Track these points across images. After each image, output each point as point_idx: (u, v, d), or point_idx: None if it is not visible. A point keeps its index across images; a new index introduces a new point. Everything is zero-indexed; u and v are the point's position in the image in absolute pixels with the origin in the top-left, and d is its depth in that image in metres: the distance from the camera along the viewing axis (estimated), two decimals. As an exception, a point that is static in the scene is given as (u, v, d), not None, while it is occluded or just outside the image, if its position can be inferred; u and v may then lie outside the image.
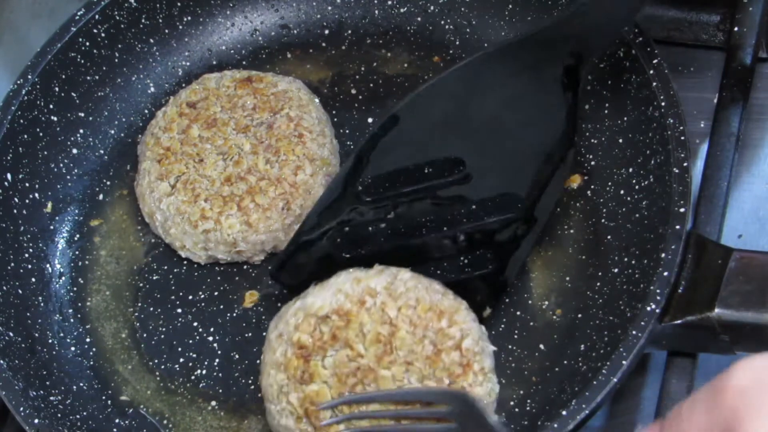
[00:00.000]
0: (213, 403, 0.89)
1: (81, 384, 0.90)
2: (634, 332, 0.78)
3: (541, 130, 0.86)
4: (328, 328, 0.81)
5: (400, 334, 0.80)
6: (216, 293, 0.94)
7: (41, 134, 0.97)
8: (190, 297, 0.94)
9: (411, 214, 0.87)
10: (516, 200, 0.86)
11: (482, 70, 0.83)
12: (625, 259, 0.88)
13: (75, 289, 0.95)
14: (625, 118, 0.92)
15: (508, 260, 0.86)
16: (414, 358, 0.79)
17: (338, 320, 0.81)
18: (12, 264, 0.92)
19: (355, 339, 0.80)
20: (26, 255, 0.94)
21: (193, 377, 0.90)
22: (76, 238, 0.98)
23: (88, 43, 1.00)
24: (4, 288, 0.90)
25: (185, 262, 0.95)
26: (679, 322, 0.79)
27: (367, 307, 0.81)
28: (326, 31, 1.07)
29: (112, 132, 1.03)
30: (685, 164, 0.84)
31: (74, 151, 1.00)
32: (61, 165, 0.99)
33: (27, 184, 0.96)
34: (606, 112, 0.95)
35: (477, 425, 0.73)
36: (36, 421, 0.81)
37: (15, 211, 0.94)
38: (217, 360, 0.91)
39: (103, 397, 0.90)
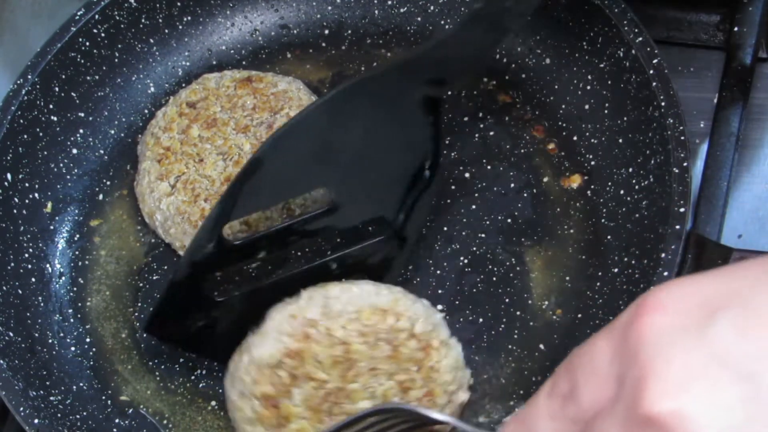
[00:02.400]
0: (213, 403, 0.89)
1: (81, 384, 0.90)
2: (634, 332, 0.78)
3: (404, 154, 0.87)
4: (285, 372, 0.80)
5: (354, 348, 0.79)
6: (216, 293, 0.94)
7: (41, 134, 0.97)
8: (190, 297, 0.94)
9: (281, 252, 0.88)
10: (383, 223, 0.87)
11: (344, 104, 0.85)
12: (625, 259, 0.88)
13: (75, 289, 0.95)
14: (625, 118, 0.92)
15: (382, 281, 0.86)
16: (376, 363, 0.79)
17: (291, 362, 0.80)
18: (12, 264, 0.92)
19: (315, 370, 0.79)
20: (26, 255, 0.94)
21: (193, 377, 0.90)
22: (76, 238, 0.98)
23: (88, 43, 1.00)
24: (4, 288, 0.90)
25: (185, 262, 0.95)
26: (679, 322, 0.79)
27: (314, 338, 0.80)
28: (326, 31, 1.07)
29: (112, 132, 1.03)
30: (685, 164, 0.84)
31: (74, 151, 1.00)
32: (61, 165, 0.99)
33: (27, 184, 0.96)
34: (606, 112, 0.95)
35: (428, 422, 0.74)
36: (36, 421, 0.81)
37: (15, 211, 0.94)
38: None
39: (103, 397, 0.90)
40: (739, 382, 0.48)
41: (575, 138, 0.96)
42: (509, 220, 0.94)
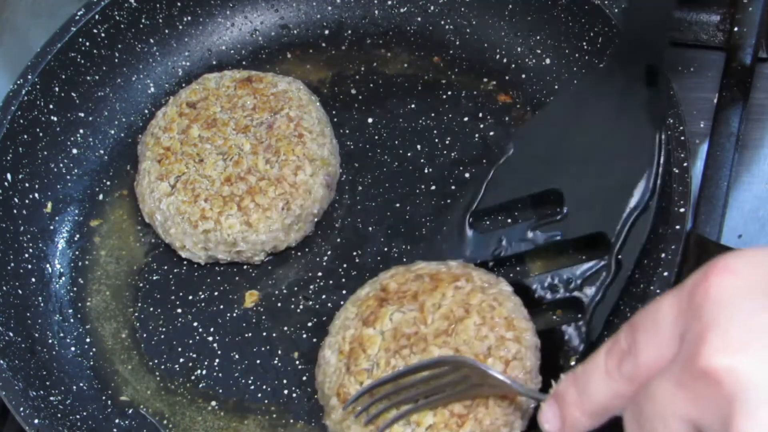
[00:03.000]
0: (213, 403, 0.89)
1: (81, 384, 0.90)
2: (634, 332, 0.78)
3: (628, 162, 0.86)
4: (416, 286, 0.83)
5: (467, 322, 0.80)
6: (216, 293, 0.94)
7: (41, 134, 0.97)
8: (190, 297, 0.94)
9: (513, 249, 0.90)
10: (604, 242, 0.86)
11: (577, 102, 0.86)
12: (626, 259, 0.88)
13: (75, 289, 0.95)
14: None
15: (594, 311, 0.85)
16: (465, 349, 0.80)
17: (428, 282, 0.83)
18: (12, 264, 0.92)
19: (430, 307, 0.81)
20: (26, 255, 0.94)
21: (193, 377, 0.90)
22: (76, 238, 0.98)
23: (88, 43, 1.00)
24: (4, 288, 0.90)
25: (185, 262, 0.95)
26: (679, 322, 0.79)
27: (458, 285, 0.82)
28: (326, 31, 1.07)
29: (112, 132, 1.03)
30: (685, 164, 0.84)
31: (74, 151, 1.00)
32: (61, 165, 0.99)
33: (27, 184, 0.96)
34: (606, 112, 0.95)
35: (487, 381, 0.74)
36: (36, 421, 0.81)
37: (15, 211, 0.94)
38: (217, 360, 0.91)
39: (103, 397, 0.90)
40: None
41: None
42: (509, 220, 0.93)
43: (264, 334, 0.91)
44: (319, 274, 0.94)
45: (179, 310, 0.93)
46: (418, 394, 0.77)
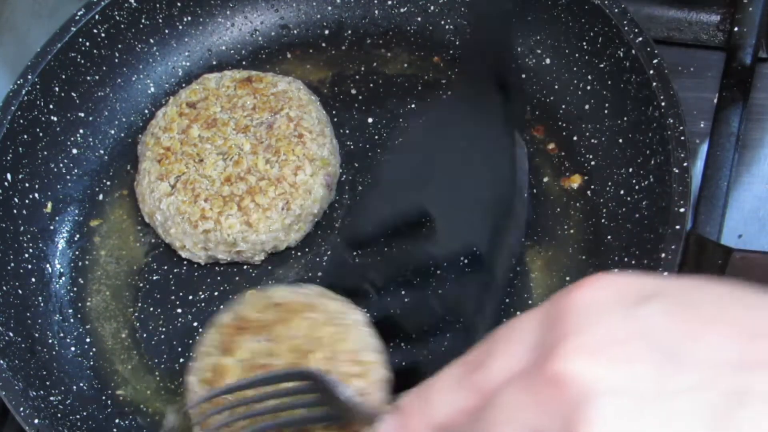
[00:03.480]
0: (213, 403, 0.89)
1: (81, 384, 0.90)
2: (634, 332, 0.78)
3: (494, 178, 0.87)
4: (272, 314, 0.80)
5: (312, 357, 0.77)
6: (216, 293, 0.94)
7: (41, 134, 0.97)
8: (190, 297, 0.94)
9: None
10: (475, 257, 0.87)
11: (443, 114, 0.86)
12: (625, 259, 0.88)
13: (75, 289, 0.95)
14: (625, 118, 0.92)
15: (476, 325, 0.85)
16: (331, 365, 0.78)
17: (282, 312, 0.79)
18: (12, 264, 0.92)
19: (283, 339, 0.78)
20: (26, 255, 0.94)
21: (193, 377, 0.90)
22: (76, 238, 0.98)
23: (88, 43, 1.00)
24: (4, 288, 0.90)
25: (185, 262, 0.95)
26: (679, 322, 0.79)
27: (308, 316, 0.79)
28: (326, 31, 1.07)
29: (112, 132, 1.03)
30: (685, 164, 0.84)
31: (74, 151, 1.00)
32: (61, 165, 0.99)
33: (27, 184, 0.96)
34: (606, 112, 0.95)
35: (332, 397, 0.72)
36: (36, 421, 0.81)
37: (15, 211, 0.94)
38: (217, 360, 0.91)
39: (103, 397, 0.90)
40: (659, 358, 0.47)
41: (575, 138, 0.96)
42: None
43: (264, 334, 0.91)
44: (319, 274, 0.94)
45: (179, 310, 0.93)
46: (265, 410, 0.74)
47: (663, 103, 0.87)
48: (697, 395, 0.46)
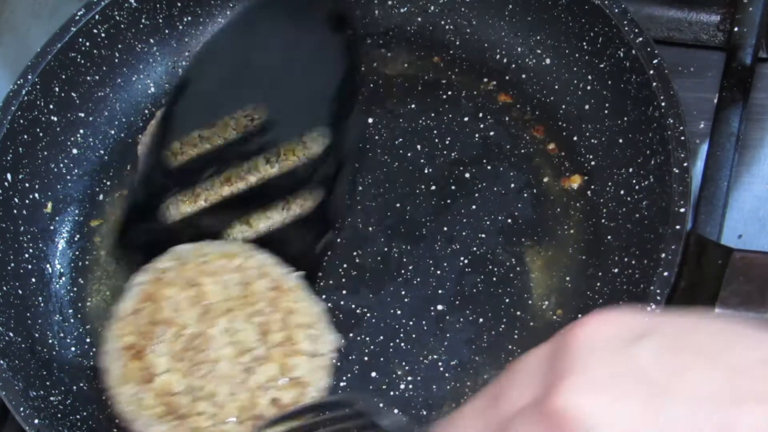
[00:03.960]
0: (213, 403, 0.89)
1: (81, 384, 0.90)
2: (634, 332, 0.78)
3: (324, 68, 0.89)
4: (144, 318, 0.82)
5: (206, 289, 0.81)
6: (216, 293, 0.94)
7: (41, 134, 0.97)
8: (190, 297, 0.94)
9: (227, 172, 0.89)
10: (322, 137, 0.88)
11: (255, 21, 0.87)
12: (625, 259, 0.88)
13: (75, 289, 0.95)
14: (625, 118, 0.92)
15: (328, 202, 0.88)
16: (231, 305, 0.81)
17: (149, 307, 0.82)
18: (12, 264, 0.92)
19: (172, 314, 0.81)
20: (26, 255, 0.94)
21: (193, 377, 0.90)
22: (76, 238, 0.98)
23: (88, 43, 1.00)
24: (4, 288, 0.90)
25: (185, 262, 0.95)
26: (679, 322, 0.79)
27: (165, 281, 0.83)
28: (326, 31, 1.07)
29: (112, 132, 1.03)
30: (685, 164, 0.84)
31: (74, 151, 1.00)
32: (61, 165, 0.99)
33: (27, 184, 0.96)
34: (606, 112, 0.95)
35: (371, 425, 0.73)
36: (36, 421, 0.81)
37: (15, 211, 0.94)
38: (217, 360, 0.91)
39: (103, 397, 0.90)
40: (651, 394, 0.50)
41: (575, 138, 0.96)
42: (509, 220, 0.94)
43: (264, 334, 0.91)
44: (319, 274, 0.94)
45: (179, 310, 0.93)
46: None
47: (663, 103, 0.87)
48: (688, 429, 0.49)
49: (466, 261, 0.92)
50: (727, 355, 0.51)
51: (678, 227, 0.82)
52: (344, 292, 0.91)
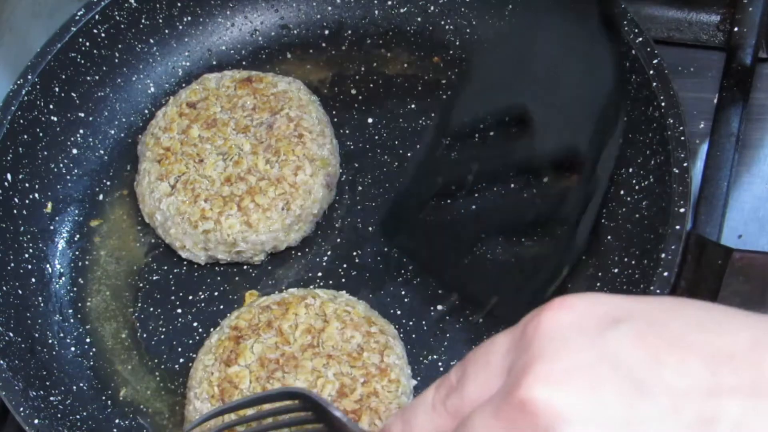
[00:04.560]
0: (213, 403, 0.89)
1: (81, 384, 0.90)
2: (634, 332, 0.78)
3: (592, 78, 0.86)
4: (266, 316, 0.85)
5: (329, 329, 0.84)
6: (216, 293, 0.94)
7: (41, 134, 0.97)
8: (190, 297, 0.94)
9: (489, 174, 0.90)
10: (578, 155, 0.86)
11: (533, 17, 0.87)
12: (625, 259, 0.88)
13: (75, 289, 0.95)
14: (625, 118, 0.92)
15: (578, 224, 0.85)
16: (337, 354, 0.83)
17: (277, 309, 0.85)
18: (12, 264, 0.92)
19: (288, 329, 0.84)
20: (26, 255, 0.94)
21: (193, 377, 0.90)
22: (76, 239, 0.98)
23: (88, 43, 1.00)
24: (4, 288, 0.90)
25: (185, 263, 0.95)
26: (679, 322, 0.79)
27: (307, 303, 0.86)
28: (326, 31, 1.07)
29: (112, 132, 1.03)
30: (685, 164, 0.84)
31: (74, 151, 1.00)
32: (61, 165, 0.99)
33: (27, 184, 0.96)
34: (606, 112, 0.95)
35: (325, 416, 0.74)
36: (36, 421, 0.81)
37: (15, 211, 0.94)
38: (217, 360, 0.91)
39: (103, 397, 0.90)
40: (626, 385, 0.47)
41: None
42: (509, 220, 0.93)
43: (264, 334, 0.91)
44: (319, 274, 0.94)
45: (179, 310, 0.93)
46: (261, 428, 0.78)
47: (663, 103, 0.87)
48: (666, 423, 0.46)
49: (466, 261, 0.92)
50: (705, 343, 0.48)
51: (678, 227, 0.82)
52: (344, 292, 0.91)
